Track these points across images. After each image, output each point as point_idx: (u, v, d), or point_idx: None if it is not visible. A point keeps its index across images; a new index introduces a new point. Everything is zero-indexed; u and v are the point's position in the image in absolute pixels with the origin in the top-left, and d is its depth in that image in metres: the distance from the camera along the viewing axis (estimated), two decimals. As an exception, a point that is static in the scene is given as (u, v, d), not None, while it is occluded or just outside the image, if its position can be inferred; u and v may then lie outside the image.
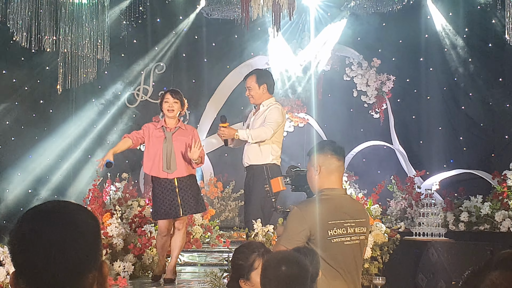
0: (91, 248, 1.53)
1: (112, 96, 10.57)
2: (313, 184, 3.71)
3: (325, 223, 3.48)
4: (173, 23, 10.80)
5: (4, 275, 5.79)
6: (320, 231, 3.47)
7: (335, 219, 3.52)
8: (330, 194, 3.61)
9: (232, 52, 10.75)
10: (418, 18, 10.49)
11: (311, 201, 3.67)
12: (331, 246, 3.49)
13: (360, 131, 10.64)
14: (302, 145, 10.68)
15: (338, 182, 3.68)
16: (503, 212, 8.48)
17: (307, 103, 10.48)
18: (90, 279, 1.53)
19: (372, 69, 10.39)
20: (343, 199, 3.66)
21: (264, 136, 6.45)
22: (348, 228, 3.53)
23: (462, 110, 10.43)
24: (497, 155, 10.11)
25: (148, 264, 7.19)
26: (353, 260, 3.57)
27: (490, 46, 10.21)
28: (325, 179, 3.63)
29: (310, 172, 3.70)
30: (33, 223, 1.50)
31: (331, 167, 3.63)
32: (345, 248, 3.52)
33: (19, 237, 1.50)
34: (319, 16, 10.57)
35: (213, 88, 10.69)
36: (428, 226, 8.03)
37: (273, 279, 2.70)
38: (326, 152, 3.65)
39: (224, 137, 6.46)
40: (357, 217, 3.61)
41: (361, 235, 3.60)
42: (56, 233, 1.48)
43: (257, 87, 6.61)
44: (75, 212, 1.55)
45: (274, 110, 6.60)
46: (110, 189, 8.35)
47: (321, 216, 3.48)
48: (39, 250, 1.47)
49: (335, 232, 3.50)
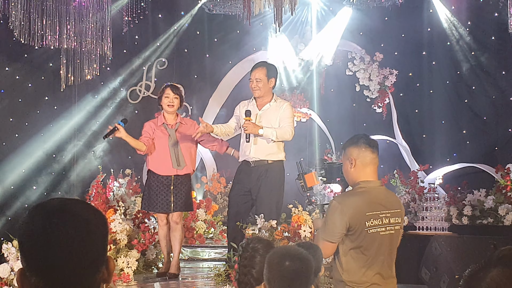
0: (101, 244, 1.56)
1: (114, 92, 10.58)
2: (348, 177, 3.83)
3: (363, 215, 3.61)
4: (175, 19, 10.79)
5: (9, 272, 5.81)
6: (358, 222, 3.60)
7: (371, 210, 3.64)
8: (366, 187, 3.72)
9: (234, 48, 10.73)
10: (421, 12, 10.47)
11: (349, 194, 3.81)
12: (368, 236, 3.62)
13: (363, 126, 10.62)
14: (305, 140, 10.68)
15: (373, 174, 3.78)
16: (506, 206, 8.47)
17: (310, 98, 10.48)
18: (100, 274, 1.56)
19: (374, 63, 10.37)
20: (378, 191, 3.76)
21: (287, 137, 6.39)
22: (383, 218, 3.66)
23: (465, 103, 10.41)
24: (501, 148, 10.09)
25: (151, 260, 7.21)
26: (387, 250, 3.70)
27: (493, 39, 10.18)
28: (360, 172, 3.74)
29: (346, 165, 3.81)
30: (44, 220, 1.51)
31: (366, 160, 3.74)
32: (380, 238, 3.65)
33: (30, 233, 1.51)
34: (321, 10, 10.56)
35: (215, 83, 10.69)
36: (432, 220, 8.02)
37: (277, 274, 2.70)
38: (360, 145, 3.76)
39: (247, 131, 6.29)
40: (392, 208, 3.73)
41: (396, 225, 3.73)
42: (68, 229, 1.50)
43: (267, 80, 6.50)
44: (84, 209, 1.57)
45: (289, 108, 6.55)
46: (114, 185, 8.38)
47: (358, 208, 3.62)
48: (52, 246, 1.49)
49: (372, 223, 3.62)
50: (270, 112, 6.50)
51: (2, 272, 5.78)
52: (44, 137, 9.98)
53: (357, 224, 3.61)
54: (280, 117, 6.45)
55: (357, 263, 3.65)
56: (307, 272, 2.72)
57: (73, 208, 1.55)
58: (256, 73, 6.53)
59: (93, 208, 1.61)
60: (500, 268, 1.50)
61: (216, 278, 6.42)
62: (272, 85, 6.58)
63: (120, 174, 8.62)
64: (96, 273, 1.55)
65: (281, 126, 6.40)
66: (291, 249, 2.82)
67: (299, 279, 2.69)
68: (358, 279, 3.66)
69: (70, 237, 1.49)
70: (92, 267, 1.53)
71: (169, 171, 6.59)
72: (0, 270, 5.79)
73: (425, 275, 7.14)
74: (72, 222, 1.52)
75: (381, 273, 3.68)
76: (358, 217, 3.61)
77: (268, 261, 2.77)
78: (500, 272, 1.49)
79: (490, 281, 1.50)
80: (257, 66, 6.63)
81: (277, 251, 2.83)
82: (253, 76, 6.54)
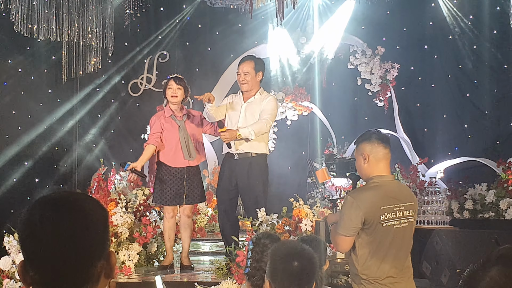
0: (100, 237, 1.55)
1: (116, 85, 10.57)
2: (362, 172, 3.91)
3: (377, 209, 3.70)
4: (177, 12, 10.78)
5: (10, 264, 5.82)
6: (373, 216, 3.69)
7: (385, 204, 3.72)
8: (379, 181, 3.80)
9: (236, 41, 10.72)
10: (423, 5, 10.45)
11: (363, 189, 3.87)
12: (382, 230, 3.71)
13: (365, 120, 10.62)
14: (306, 134, 10.69)
15: (386, 169, 3.86)
16: (508, 200, 8.48)
17: (311, 92, 10.47)
18: (98, 268, 1.55)
19: (376, 57, 10.35)
20: (392, 184, 3.84)
21: (264, 130, 6.37)
22: (397, 212, 3.75)
23: (467, 97, 10.40)
24: (502, 142, 10.09)
25: (153, 253, 7.22)
26: (401, 242, 3.78)
27: (495, 33, 10.17)
28: (374, 167, 3.83)
29: (359, 161, 3.89)
30: (42, 211, 1.51)
31: (379, 155, 3.82)
32: (394, 231, 3.73)
33: (29, 225, 1.52)
34: (323, 3, 10.54)
35: (217, 77, 10.67)
36: (433, 214, 8.03)
37: (283, 273, 2.69)
38: (373, 141, 3.84)
39: (227, 141, 6.31)
40: (405, 201, 3.81)
41: (410, 217, 3.81)
42: (65, 222, 1.50)
43: (255, 73, 6.49)
44: (84, 202, 1.56)
45: (273, 101, 6.53)
46: (115, 178, 8.38)
47: (373, 203, 3.71)
48: (48, 238, 1.49)
49: (386, 217, 3.71)
50: (254, 105, 6.51)
51: (3, 265, 5.79)
52: (47, 130, 9.98)
53: (372, 218, 3.69)
54: (262, 109, 6.45)
55: (372, 256, 3.74)
56: (313, 269, 2.74)
57: (72, 200, 1.55)
58: (243, 67, 6.52)
59: (94, 200, 1.60)
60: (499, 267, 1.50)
61: (217, 272, 6.44)
62: (260, 79, 6.57)
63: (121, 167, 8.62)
64: (95, 267, 1.54)
65: (260, 119, 6.39)
66: (296, 247, 2.79)
67: (305, 277, 2.70)
68: (372, 272, 3.74)
69: (65, 228, 1.49)
70: (89, 259, 1.52)
71: (181, 163, 6.60)
72: (2, 263, 5.80)
73: (426, 269, 7.15)
74: (69, 215, 1.51)
75: (395, 265, 3.75)
76: (373, 211, 3.69)
77: (272, 257, 2.76)
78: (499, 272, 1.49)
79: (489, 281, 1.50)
80: (244, 60, 6.62)
81: (281, 248, 2.80)
82: (241, 70, 6.54)
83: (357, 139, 3.97)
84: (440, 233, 7.11)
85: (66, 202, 1.54)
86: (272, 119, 6.45)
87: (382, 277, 3.73)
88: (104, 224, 1.58)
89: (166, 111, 6.71)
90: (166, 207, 6.70)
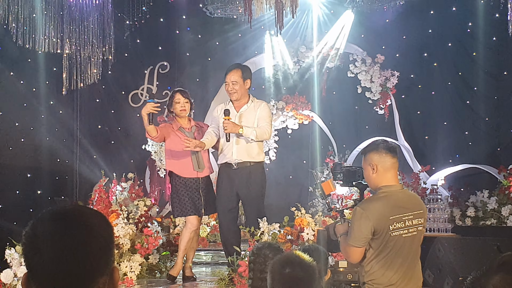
0: (103, 253, 1.54)
1: (116, 96, 10.59)
2: (371, 182, 3.93)
3: (386, 219, 3.72)
4: (176, 23, 10.81)
5: (12, 277, 5.81)
6: (383, 227, 3.72)
7: (394, 214, 3.74)
8: (388, 191, 3.82)
9: (236, 51, 10.74)
10: (422, 13, 10.48)
11: (372, 200, 3.88)
12: (391, 239, 3.73)
13: (365, 128, 10.63)
14: (307, 143, 10.69)
15: (394, 178, 3.88)
16: (509, 207, 8.46)
17: (312, 100, 10.48)
18: (100, 285, 1.53)
19: (376, 65, 10.37)
20: (400, 194, 3.86)
21: (266, 137, 6.41)
22: (406, 221, 3.77)
23: (467, 104, 10.41)
24: (503, 149, 10.09)
25: (155, 264, 7.21)
26: (410, 250, 3.79)
27: (494, 40, 10.18)
28: (382, 177, 3.85)
29: (367, 171, 3.91)
30: (46, 225, 1.51)
31: (387, 165, 3.85)
32: (403, 240, 3.76)
33: (32, 239, 1.51)
34: (323, 13, 10.57)
35: (217, 87, 10.68)
36: (435, 221, 8.01)
37: (278, 281, 2.70)
38: (380, 151, 3.87)
39: (227, 131, 6.26)
40: (414, 209, 3.83)
41: (419, 226, 3.84)
42: (69, 237, 1.49)
43: (243, 82, 6.48)
44: (89, 217, 1.55)
45: (267, 107, 6.56)
46: (116, 189, 8.38)
47: (382, 213, 3.73)
48: (51, 253, 1.48)
49: (395, 226, 3.74)
50: (249, 113, 6.51)
51: (5, 278, 5.78)
52: (49, 142, 9.99)
53: (382, 228, 3.72)
54: (258, 117, 6.46)
55: (378, 265, 3.77)
56: (308, 278, 2.72)
57: (78, 215, 1.54)
58: (231, 76, 6.50)
59: (100, 215, 1.59)
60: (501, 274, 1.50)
61: (219, 282, 6.42)
62: (248, 86, 6.57)
63: (122, 178, 8.62)
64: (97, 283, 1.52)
65: (259, 126, 6.40)
66: (292, 255, 2.81)
67: (300, 286, 2.69)
68: (377, 279, 3.78)
69: (69, 246, 1.48)
70: (92, 275, 1.51)
71: (190, 174, 6.61)
72: (4, 276, 5.79)
73: (428, 277, 7.13)
74: (73, 231, 1.50)
75: (402, 273, 3.78)
76: (383, 221, 3.72)
77: (270, 269, 2.78)
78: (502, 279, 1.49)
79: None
80: (231, 69, 6.59)
81: (279, 258, 2.83)
82: (229, 79, 6.51)
83: (365, 149, 4.00)
84: (442, 241, 7.09)
85: (70, 217, 1.53)
86: (270, 126, 6.48)
87: (385, 283, 3.76)
88: (109, 240, 1.56)
89: (174, 125, 6.70)
90: (189, 218, 6.61)
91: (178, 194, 6.59)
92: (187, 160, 6.58)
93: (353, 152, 10.02)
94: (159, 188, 9.88)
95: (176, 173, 6.64)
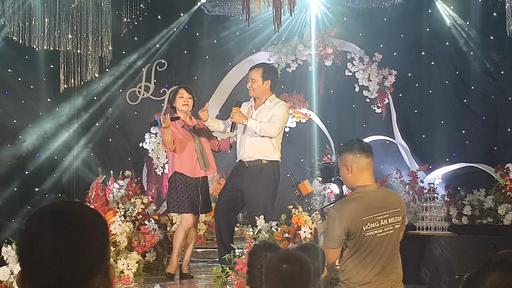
0: (98, 252, 1.53)
1: (114, 93, 10.58)
2: (347, 182, 4.00)
3: (359, 220, 3.77)
4: (174, 20, 10.80)
5: (8, 275, 5.81)
6: (356, 228, 3.77)
7: (368, 214, 3.79)
8: (362, 191, 3.87)
9: (234, 49, 10.74)
10: (420, 12, 10.48)
11: (346, 201, 3.97)
12: (365, 239, 3.79)
13: (362, 126, 10.63)
14: (305, 141, 10.69)
15: (370, 178, 3.91)
16: (506, 205, 8.48)
17: (309, 99, 10.48)
18: (96, 283, 1.53)
19: (373, 64, 10.37)
20: (376, 193, 3.90)
21: (270, 133, 6.35)
22: (381, 220, 3.81)
23: (464, 103, 10.42)
24: (500, 148, 10.10)
25: (152, 262, 7.21)
26: (386, 249, 3.83)
27: (492, 39, 10.19)
28: (357, 177, 3.90)
29: (343, 171, 3.97)
30: (40, 224, 1.49)
31: (361, 165, 3.88)
32: (377, 239, 3.81)
33: (26, 238, 1.50)
34: (320, 11, 10.57)
35: (215, 84, 10.69)
36: (431, 220, 8.02)
37: (275, 277, 2.71)
38: (355, 151, 3.91)
39: (233, 120, 6.32)
40: (391, 207, 3.87)
41: (395, 224, 3.87)
42: (63, 236, 1.47)
43: (261, 81, 6.48)
44: (84, 215, 1.54)
45: (283, 107, 6.52)
46: (113, 187, 8.37)
47: (355, 214, 3.78)
48: (44, 252, 1.47)
49: (369, 227, 3.78)
50: (264, 112, 6.51)
51: (1, 275, 5.78)
52: (46, 139, 9.99)
53: (355, 229, 3.77)
54: (272, 114, 6.45)
55: (353, 264, 3.84)
56: (305, 275, 2.72)
57: (72, 213, 1.53)
58: (252, 73, 6.57)
59: (96, 213, 1.57)
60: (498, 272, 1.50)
61: (216, 280, 6.42)
62: (268, 87, 6.54)
63: (119, 175, 8.61)
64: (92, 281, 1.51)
65: (269, 121, 6.39)
66: (288, 252, 2.83)
67: (296, 282, 2.69)
68: (354, 279, 3.85)
69: (63, 245, 1.47)
70: (86, 274, 1.50)
71: (198, 173, 6.61)
72: (0, 273, 5.79)
73: (425, 276, 7.14)
74: (68, 229, 1.49)
75: (377, 272, 3.83)
76: (356, 222, 3.77)
77: (266, 265, 2.78)
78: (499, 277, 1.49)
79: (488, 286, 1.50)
80: (255, 67, 6.67)
81: (275, 255, 2.83)
82: (250, 76, 6.59)
83: (339, 149, 4.06)
84: (439, 239, 7.11)
85: (65, 215, 1.51)
86: (281, 124, 6.42)
87: (360, 282, 3.83)
88: (103, 238, 1.55)
89: (178, 122, 6.64)
90: (185, 216, 6.60)
91: (177, 190, 6.58)
92: (194, 159, 6.58)
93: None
94: (156, 186, 9.88)
95: (184, 173, 6.60)
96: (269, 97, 6.58)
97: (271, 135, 6.39)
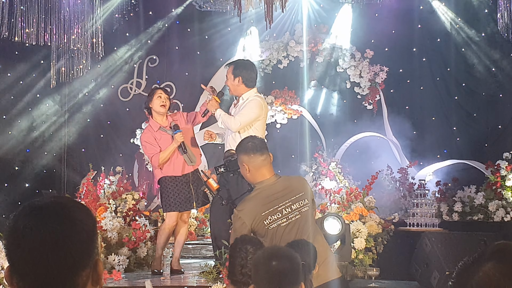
0: (85, 246, 1.52)
1: (105, 90, 10.55)
2: (248, 180, 4.11)
3: (259, 216, 3.89)
4: (166, 16, 10.77)
5: (-2, 270, 5.78)
6: (258, 224, 3.89)
7: (267, 208, 3.90)
8: (260, 188, 3.99)
9: (225, 45, 10.73)
10: (411, 8, 10.49)
11: (246, 200, 4.05)
12: (270, 232, 3.90)
13: (354, 122, 10.64)
14: (296, 137, 10.69)
15: (268, 172, 4.03)
16: (496, 202, 8.51)
17: (301, 95, 10.48)
18: (83, 277, 1.52)
19: (365, 60, 10.38)
20: (274, 186, 3.99)
21: (230, 126, 6.19)
22: (282, 210, 3.92)
23: (455, 100, 10.44)
24: (491, 145, 10.13)
25: (142, 258, 7.20)
26: (296, 235, 3.90)
27: (483, 35, 10.22)
28: (255, 175, 4.01)
29: (242, 170, 4.10)
30: (27, 219, 1.49)
31: (257, 164, 3.99)
32: (282, 229, 3.91)
33: (13, 232, 1.49)
34: (312, 7, 10.56)
35: (206, 80, 10.63)
36: (422, 216, 8.04)
37: (264, 274, 2.70)
38: (248, 152, 4.01)
39: (207, 107, 6.38)
40: (292, 195, 3.97)
41: (302, 208, 3.97)
42: (49, 231, 1.47)
43: (232, 78, 6.31)
44: (72, 209, 1.53)
45: (251, 103, 6.27)
46: (104, 183, 8.35)
47: (255, 212, 3.90)
48: (31, 247, 1.46)
49: (271, 220, 3.90)
50: (237, 109, 6.40)
51: (-9, 271, 5.75)
52: (37, 135, 9.95)
53: (257, 226, 3.90)
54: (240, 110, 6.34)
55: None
56: (294, 271, 2.72)
57: (59, 207, 1.52)
58: (226, 71, 6.45)
59: (83, 207, 1.57)
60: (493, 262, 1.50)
61: (207, 276, 6.42)
62: (241, 83, 6.30)
63: (111, 171, 8.59)
64: (79, 276, 1.51)
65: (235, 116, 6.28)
66: (277, 248, 2.83)
67: (286, 278, 2.69)
68: None
69: (49, 237, 1.46)
70: (74, 268, 1.50)
71: (187, 169, 6.59)
72: (-10, 269, 5.76)
73: (415, 272, 7.17)
74: (54, 224, 1.48)
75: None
76: (256, 219, 3.89)
77: (255, 262, 2.78)
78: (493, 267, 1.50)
79: (482, 275, 1.50)
80: (228, 64, 6.61)
81: (263, 251, 2.84)
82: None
83: (236, 149, 4.18)
84: (429, 236, 7.13)
85: (51, 210, 1.51)
86: (244, 119, 6.18)
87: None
88: (91, 233, 1.54)
89: (153, 125, 6.58)
90: (169, 214, 6.58)
91: (167, 190, 6.56)
92: (179, 159, 6.54)
93: (342, 147, 10.04)
94: (147, 182, 9.85)
95: (172, 175, 6.57)
96: (244, 93, 6.39)
97: (230, 128, 6.22)
